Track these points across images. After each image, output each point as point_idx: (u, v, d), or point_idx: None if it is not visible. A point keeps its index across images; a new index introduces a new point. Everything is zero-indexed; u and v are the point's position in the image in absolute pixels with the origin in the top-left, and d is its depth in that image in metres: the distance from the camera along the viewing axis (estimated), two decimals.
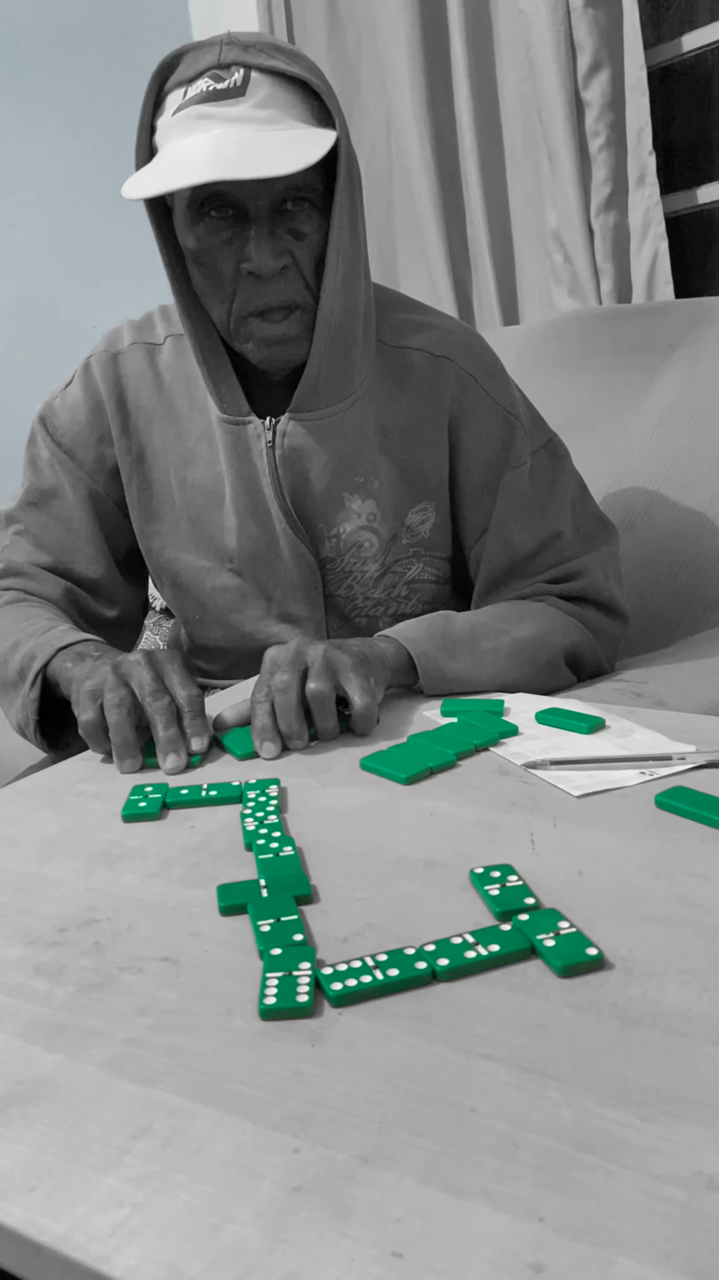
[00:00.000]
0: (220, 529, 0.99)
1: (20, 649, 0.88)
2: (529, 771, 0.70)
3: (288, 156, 0.77)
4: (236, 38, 0.82)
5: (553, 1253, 0.32)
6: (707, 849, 0.58)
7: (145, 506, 1.01)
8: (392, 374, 0.96)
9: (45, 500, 1.01)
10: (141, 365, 0.98)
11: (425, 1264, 0.32)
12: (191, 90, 0.81)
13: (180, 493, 0.99)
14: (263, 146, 0.78)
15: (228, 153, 0.77)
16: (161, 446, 0.99)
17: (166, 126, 0.83)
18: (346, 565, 1.00)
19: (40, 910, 0.55)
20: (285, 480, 0.95)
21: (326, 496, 0.97)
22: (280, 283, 0.85)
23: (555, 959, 0.47)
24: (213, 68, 0.80)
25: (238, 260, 0.85)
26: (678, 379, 1.34)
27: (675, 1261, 0.31)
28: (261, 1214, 0.34)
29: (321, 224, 0.86)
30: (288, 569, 0.99)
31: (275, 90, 0.81)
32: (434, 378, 0.96)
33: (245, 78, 0.80)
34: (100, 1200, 0.35)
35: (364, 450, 0.96)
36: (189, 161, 0.78)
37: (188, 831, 0.64)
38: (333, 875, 0.57)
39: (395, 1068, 0.41)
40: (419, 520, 0.99)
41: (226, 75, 0.80)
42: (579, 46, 1.59)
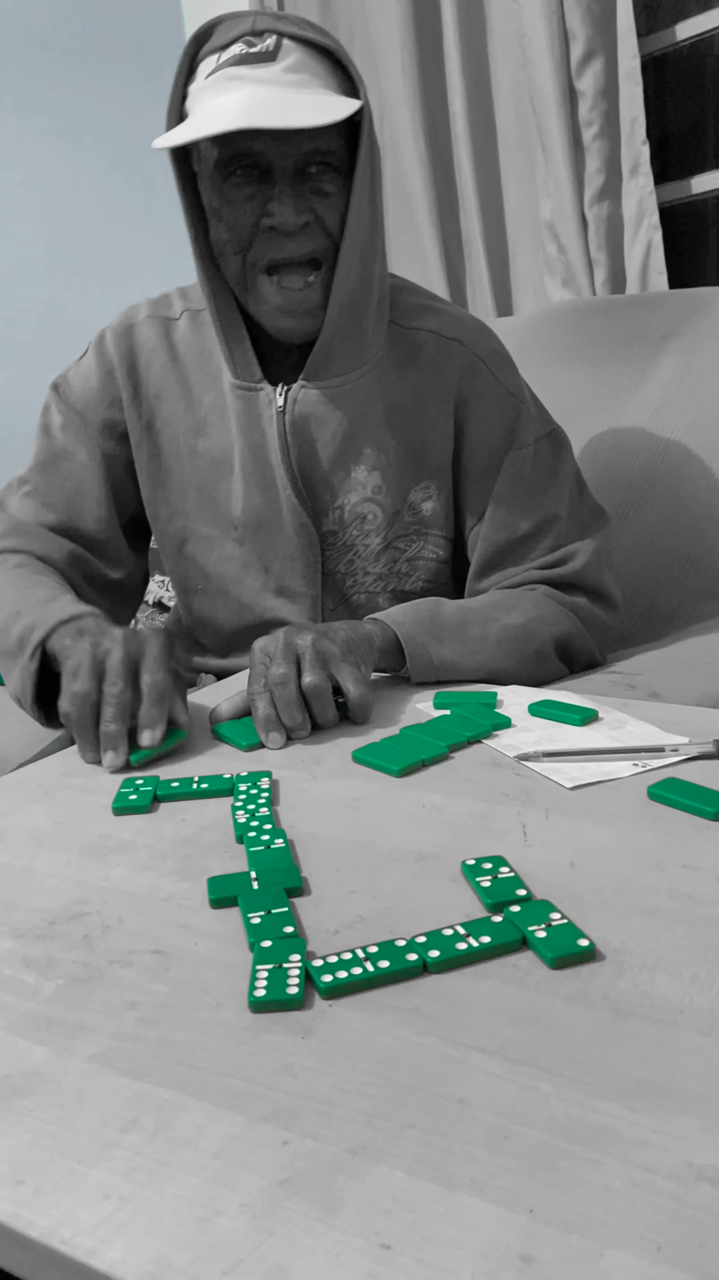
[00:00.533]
0: (228, 498, 1.01)
1: (21, 618, 0.87)
2: (522, 763, 0.70)
3: (314, 113, 0.81)
4: (270, 10, 0.85)
5: (543, 1244, 0.32)
6: (699, 840, 0.58)
7: (154, 474, 1.02)
8: (401, 353, 0.98)
9: (55, 462, 1.03)
10: (155, 337, 1.01)
11: (414, 1256, 0.32)
12: (225, 55, 0.84)
13: (190, 461, 1.01)
14: (290, 103, 0.81)
15: (257, 107, 0.80)
16: (172, 415, 1.00)
17: (199, 90, 0.86)
18: (349, 539, 1.01)
19: (30, 903, 0.54)
20: (294, 447, 0.97)
21: (333, 466, 0.98)
22: (302, 237, 0.88)
23: (547, 950, 0.47)
24: (246, 34, 0.83)
25: (259, 215, 0.87)
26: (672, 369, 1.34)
27: (665, 1253, 0.31)
28: (250, 1206, 0.34)
29: (344, 187, 0.88)
30: (289, 540, 1.00)
31: (305, 57, 0.84)
32: (442, 359, 0.98)
33: (277, 44, 0.83)
34: (88, 1193, 0.35)
35: (371, 423, 0.98)
36: (217, 114, 0.81)
37: (178, 824, 0.64)
38: (324, 867, 0.57)
39: (386, 1060, 0.41)
40: (422, 498, 1.00)
41: (259, 40, 0.83)
42: (572, 35, 1.59)
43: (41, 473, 1.03)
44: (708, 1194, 0.34)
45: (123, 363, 1.00)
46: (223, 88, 0.83)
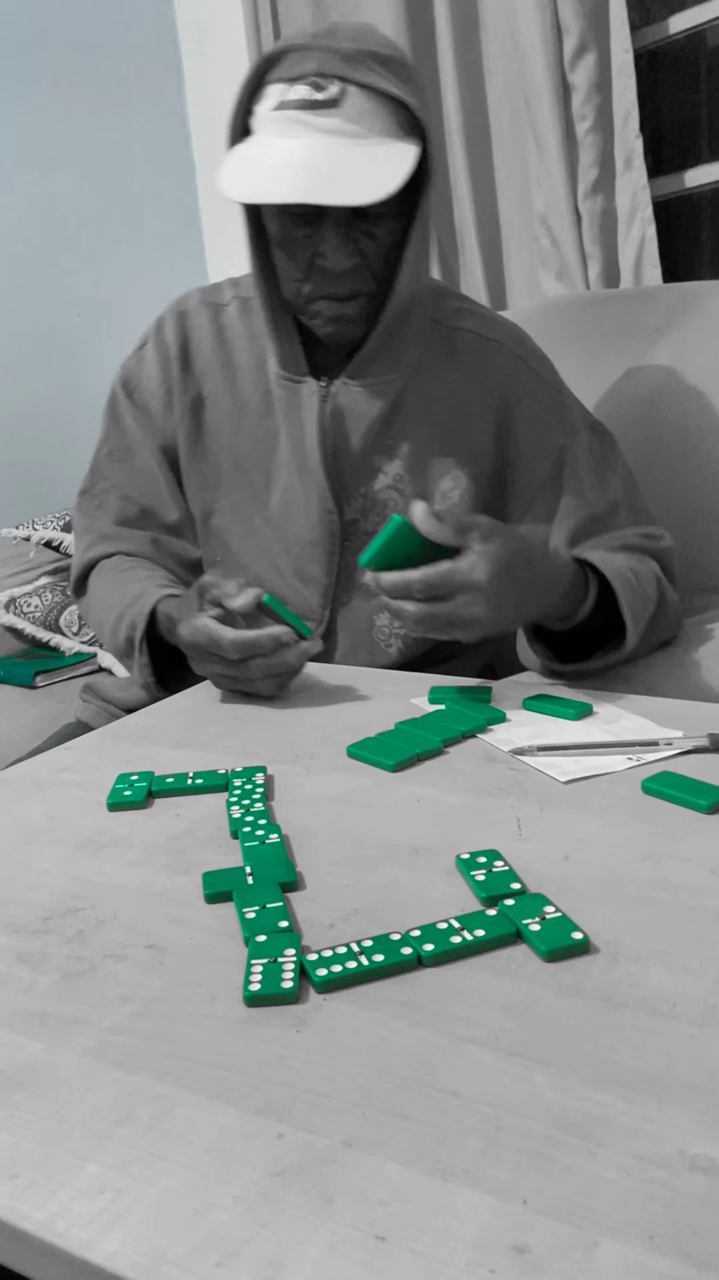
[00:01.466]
0: (263, 478, 1.04)
1: (124, 620, 0.97)
2: (516, 758, 0.70)
3: (371, 182, 0.85)
4: (339, 46, 0.86)
5: (536, 1234, 0.32)
6: (692, 833, 0.58)
7: (193, 447, 1.06)
8: (443, 350, 1.02)
9: (128, 456, 1.09)
10: (205, 321, 1.06)
11: (409, 1246, 0.32)
12: (291, 93, 0.87)
13: (230, 439, 1.05)
14: (349, 167, 0.86)
15: (318, 172, 0.85)
16: (215, 393, 1.05)
17: (264, 119, 0.90)
18: (370, 526, 1.03)
19: (24, 899, 0.54)
20: (331, 437, 1.01)
21: (363, 456, 1.02)
22: (349, 277, 0.93)
23: (540, 943, 0.47)
24: (314, 75, 0.86)
25: (313, 253, 0.92)
26: (666, 363, 1.34)
27: (659, 1242, 0.32)
28: (244, 1199, 0.34)
29: (393, 225, 0.92)
30: (313, 525, 1.03)
31: (367, 104, 0.87)
32: (483, 357, 1.02)
33: (342, 92, 0.86)
34: (82, 1187, 0.35)
35: (404, 416, 1.01)
36: (282, 174, 0.86)
37: (173, 819, 0.64)
38: (319, 862, 0.57)
39: (380, 1052, 0.41)
40: (450, 486, 1.03)
41: (326, 85, 0.86)
42: (565, 28, 1.58)
43: (118, 468, 1.09)
44: (701, 1183, 0.34)
45: (176, 346, 1.06)
46: (286, 128, 0.88)
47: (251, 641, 0.81)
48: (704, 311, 1.35)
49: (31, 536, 1.74)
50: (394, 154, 0.87)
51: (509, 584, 0.77)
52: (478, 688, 0.84)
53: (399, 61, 0.89)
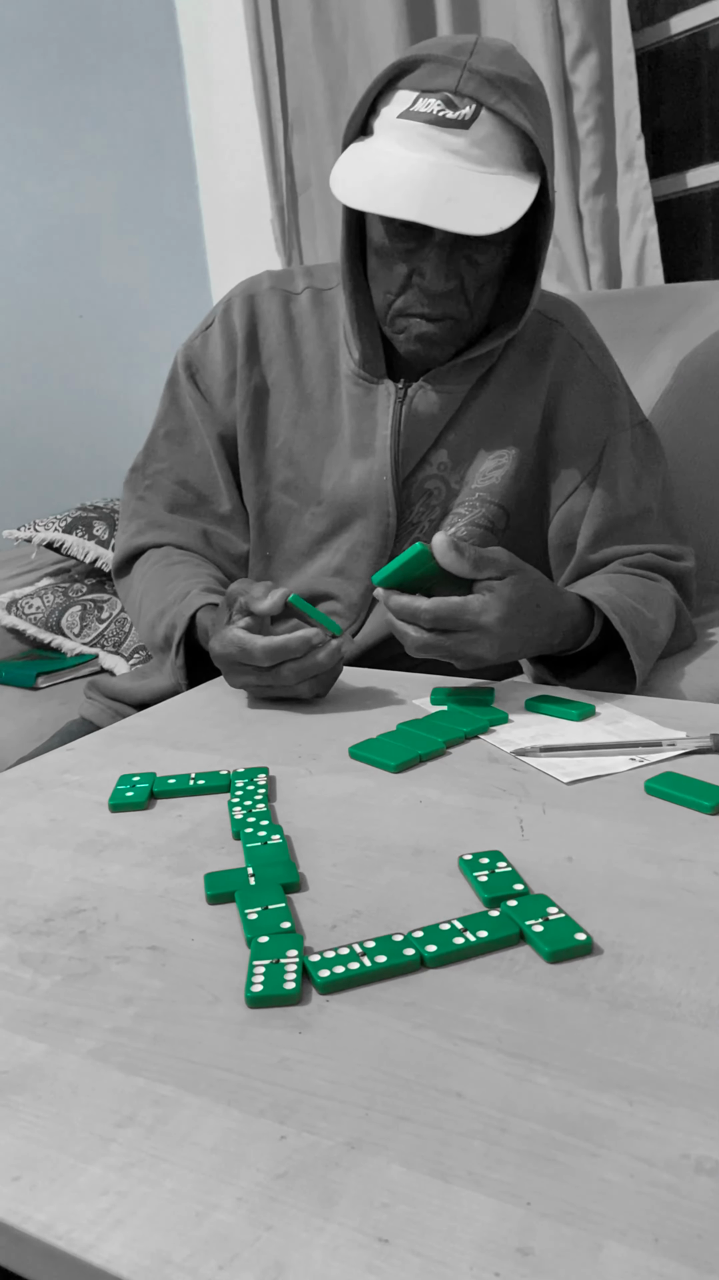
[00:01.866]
0: (319, 473, 1.03)
1: (165, 617, 0.95)
2: (519, 759, 0.70)
3: (487, 213, 0.84)
4: (480, 67, 0.84)
5: (540, 1236, 0.32)
6: (696, 834, 0.58)
7: (253, 436, 1.05)
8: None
9: (185, 439, 1.07)
10: (276, 308, 1.04)
11: (412, 1249, 0.32)
12: (423, 104, 0.85)
13: (290, 430, 1.03)
14: (470, 195, 0.84)
15: (437, 192, 0.84)
16: (280, 382, 1.03)
17: (390, 124, 0.88)
18: (415, 516, 1.03)
19: (26, 900, 0.54)
20: (404, 439, 1.00)
21: (422, 454, 1.01)
22: (444, 300, 0.92)
23: (544, 944, 0.47)
24: (449, 91, 0.85)
25: (412, 269, 0.91)
26: (668, 363, 1.34)
27: (663, 1244, 0.31)
28: (247, 1201, 0.34)
29: (495, 255, 0.91)
30: (369, 527, 1.02)
31: (497, 131, 0.85)
32: (543, 337, 1.01)
33: (475, 114, 0.85)
34: (84, 1188, 0.35)
35: (467, 407, 1.01)
36: (401, 186, 0.85)
37: (175, 820, 0.63)
38: (321, 863, 0.57)
39: (382, 1054, 0.41)
40: (494, 466, 1.02)
41: (460, 105, 0.85)
42: (567, 29, 1.58)
43: (176, 449, 1.07)
44: (705, 1185, 0.34)
45: (243, 330, 1.04)
46: (412, 141, 0.86)
47: (281, 646, 0.79)
48: (706, 311, 1.35)
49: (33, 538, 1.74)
50: (514, 188, 0.86)
51: (516, 626, 0.78)
52: (480, 689, 0.84)
53: (537, 94, 0.88)
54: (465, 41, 0.87)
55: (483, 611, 0.77)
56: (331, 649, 0.80)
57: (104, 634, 1.66)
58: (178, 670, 0.94)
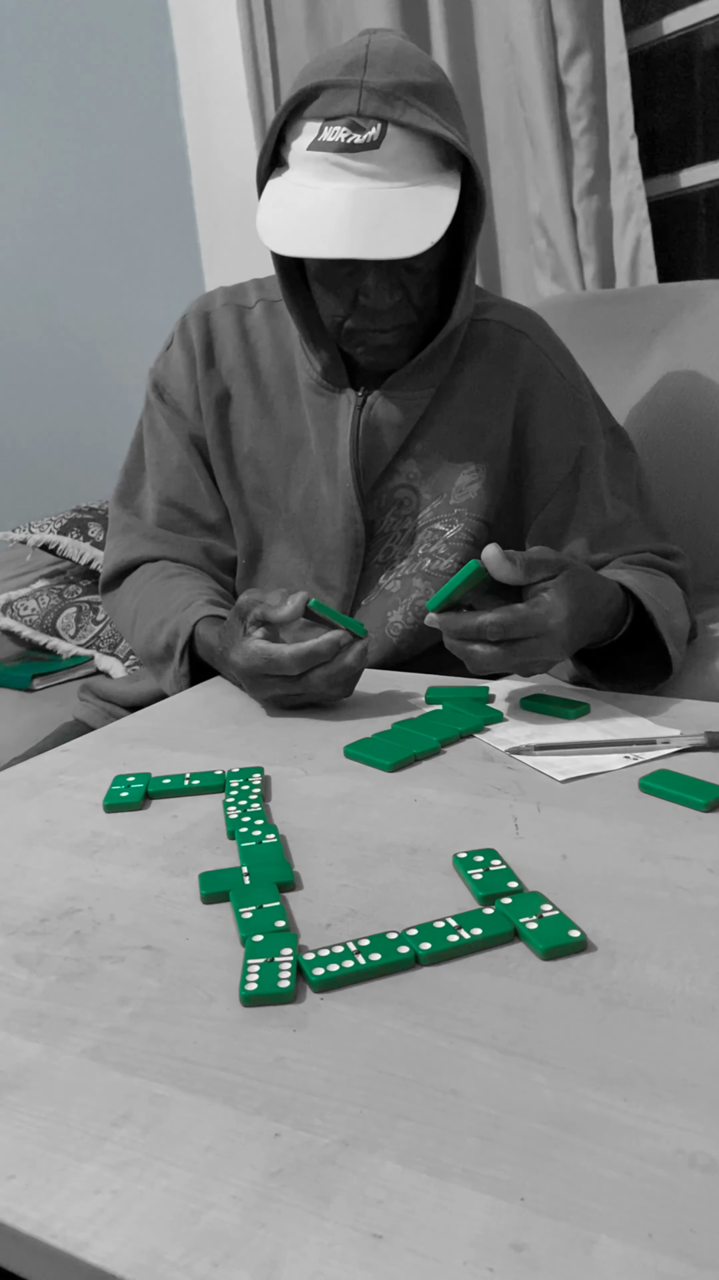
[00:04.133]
0: (286, 482, 1.03)
1: (165, 626, 0.95)
2: (513, 757, 0.70)
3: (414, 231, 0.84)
4: (375, 83, 0.84)
5: (535, 1233, 0.32)
6: (690, 831, 0.58)
7: (219, 448, 1.05)
8: (469, 342, 1.01)
9: (166, 457, 1.07)
10: (230, 322, 1.05)
11: (406, 1246, 0.32)
12: (329, 133, 0.85)
13: (254, 439, 1.04)
14: (395, 216, 0.84)
15: (360, 221, 0.83)
16: (240, 394, 1.04)
17: (301, 158, 0.87)
18: (386, 526, 1.03)
19: (21, 900, 0.54)
20: (363, 447, 1.00)
21: (386, 462, 1.01)
22: (393, 313, 0.92)
23: (538, 942, 0.47)
24: (352, 115, 0.84)
25: (355, 290, 0.91)
26: (662, 363, 1.34)
27: (657, 1240, 0.31)
28: (242, 1199, 0.34)
29: (433, 256, 0.90)
30: (337, 534, 1.02)
31: (407, 142, 0.85)
32: (508, 349, 1.01)
33: (382, 133, 0.84)
34: (80, 1187, 0.35)
35: (430, 416, 1.01)
36: (324, 222, 0.84)
37: (170, 820, 0.63)
38: (316, 862, 0.57)
39: (377, 1051, 0.41)
40: (469, 481, 1.02)
41: (365, 126, 0.84)
42: (559, 30, 1.58)
43: (158, 471, 1.07)
44: (699, 1181, 0.34)
45: (200, 345, 1.05)
46: (325, 171, 0.86)
47: (312, 652, 0.77)
48: (700, 311, 1.35)
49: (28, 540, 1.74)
50: (436, 197, 0.85)
51: (580, 621, 0.78)
52: (475, 687, 0.84)
53: (437, 88, 0.87)
54: (357, 56, 0.85)
55: (550, 613, 0.75)
56: (358, 651, 0.79)
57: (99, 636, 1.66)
58: (181, 678, 0.93)
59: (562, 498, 1.01)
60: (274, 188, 0.90)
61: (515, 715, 0.78)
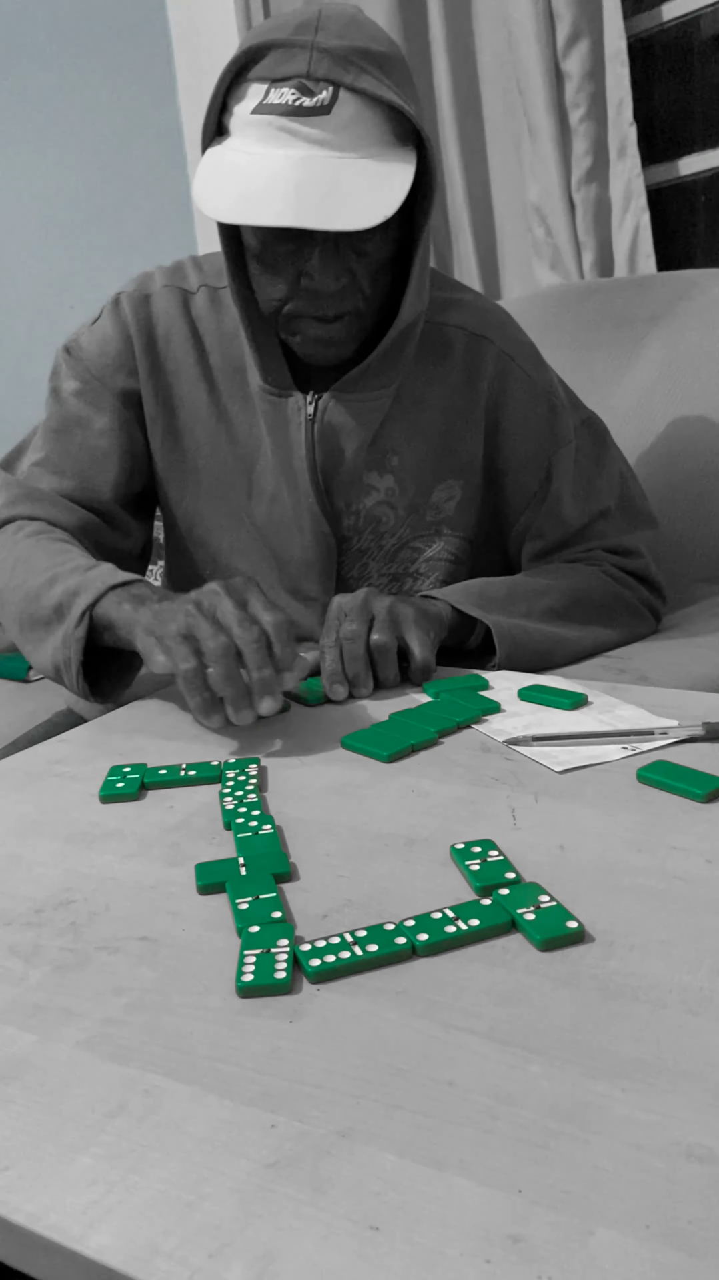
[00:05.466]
0: (247, 491, 0.98)
1: (58, 584, 0.82)
2: (511, 748, 0.70)
3: (365, 203, 0.78)
4: (328, 44, 0.78)
5: (532, 1224, 0.32)
6: (688, 822, 0.58)
7: (170, 454, 0.99)
8: (431, 349, 0.96)
9: (68, 429, 0.97)
10: (174, 309, 0.96)
11: (403, 1237, 0.32)
12: (276, 95, 0.79)
13: (210, 446, 0.97)
14: (345, 186, 0.78)
15: (308, 190, 0.77)
16: (192, 396, 0.97)
17: (245, 121, 0.81)
18: (363, 543, 0.99)
19: (16, 891, 0.54)
20: (320, 456, 0.95)
21: (353, 474, 0.97)
22: (337, 297, 0.85)
23: (535, 933, 0.46)
24: (302, 77, 0.78)
25: (299, 271, 0.84)
26: (660, 352, 1.34)
27: (655, 1231, 0.31)
28: (238, 1190, 0.34)
29: (384, 240, 0.85)
30: (307, 545, 0.98)
31: (360, 109, 0.79)
32: (473, 356, 0.96)
33: (334, 96, 0.78)
34: (74, 1179, 0.34)
35: (396, 427, 0.96)
36: (269, 190, 0.78)
37: (166, 811, 0.63)
38: (313, 853, 0.57)
39: (374, 1042, 0.41)
40: (445, 497, 0.99)
41: (315, 90, 0.78)
42: (558, 16, 1.57)
43: (55, 440, 0.98)
44: (697, 1171, 0.34)
45: (141, 333, 0.96)
46: (272, 136, 0.79)
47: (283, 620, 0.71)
48: (699, 300, 1.35)
49: None
50: (389, 172, 0.80)
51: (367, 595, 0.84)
52: (472, 677, 0.84)
53: (392, 59, 0.81)
54: (309, 17, 0.79)
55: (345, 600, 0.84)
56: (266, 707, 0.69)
57: None
58: (75, 643, 0.78)
59: (532, 509, 1.00)
60: (213, 155, 0.83)
61: (513, 706, 0.78)
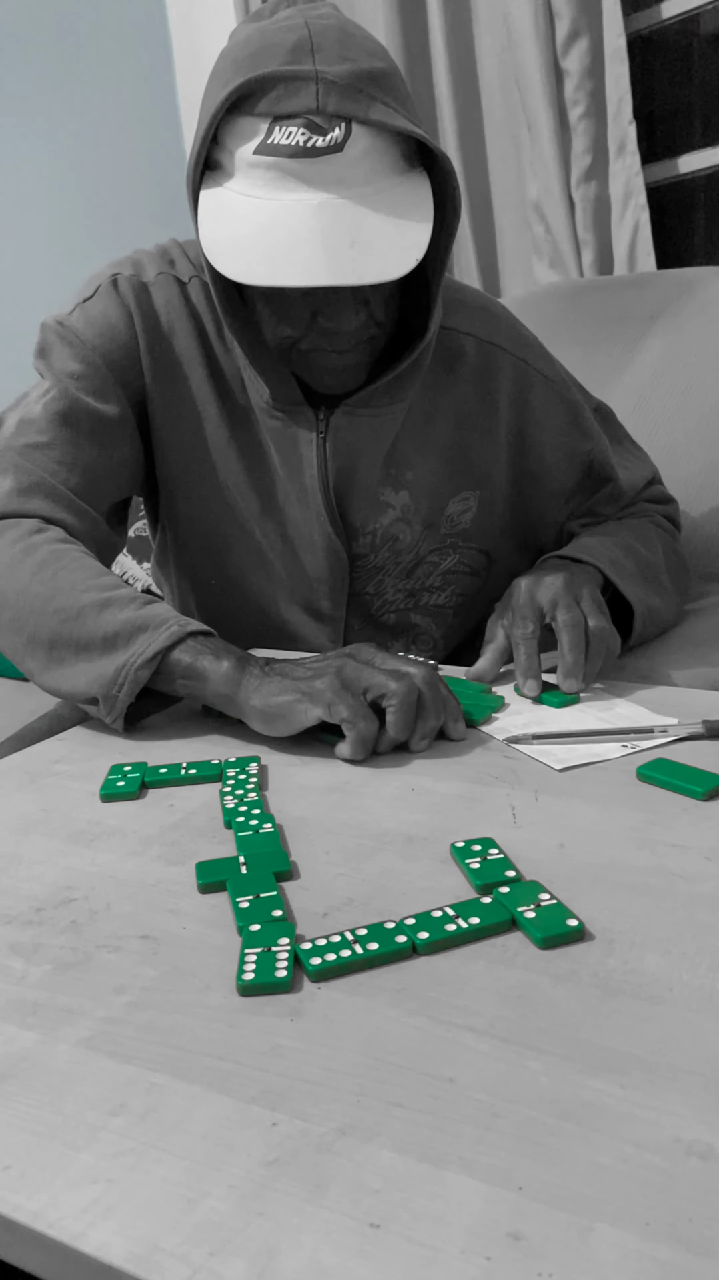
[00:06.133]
0: (257, 504, 0.94)
1: (111, 610, 0.74)
2: (511, 746, 0.70)
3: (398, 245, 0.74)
4: (332, 73, 0.72)
5: (531, 1221, 0.32)
6: (687, 820, 0.58)
7: (177, 460, 0.93)
8: (441, 359, 0.92)
9: (75, 418, 0.87)
10: (175, 300, 0.89)
11: (403, 1234, 0.32)
12: (282, 134, 0.73)
13: (220, 455, 0.92)
14: (371, 231, 0.73)
15: (338, 242, 0.73)
16: (201, 398, 0.91)
17: (249, 163, 0.75)
18: (379, 560, 0.97)
19: (17, 890, 0.54)
20: (332, 473, 0.91)
21: (367, 492, 0.93)
22: (353, 334, 0.82)
23: (535, 930, 0.47)
24: (310, 113, 0.72)
25: (313, 310, 0.80)
26: (660, 350, 1.34)
27: (654, 1228, 0.31)
28: (238, 1188, 0.34)
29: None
30: (319, 561, 0.95)
31: (373, 141, 0.74)
32: (485, 365, 0.94)
33: (347, 133, 0.73)
34: (75, 1177, 0.35)
35: (409, 441, 0.93)
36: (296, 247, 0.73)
37: (167, 810, 0.63)
38: (313, 851, 0.57)
39: (374, 1040, 0.41)
40: (460, 510, 0.97)
41: (327, 128, 0.72)
42: (557, 14, 1.57)
43: (61, 427, 0.87)
44: (697, 1168, 0.34)
45: (145, 324, 0.88)
46: (283, 182, 0.74)
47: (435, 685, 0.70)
48: (698, 298, 1.35)
49: None
50: (410, 203, 0.75)
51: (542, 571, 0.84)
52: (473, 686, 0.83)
53: (393, 76, 0.76)
54: (300, 38, 0.73)
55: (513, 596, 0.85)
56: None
57: None
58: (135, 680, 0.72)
59: (576, 500, 1.01)
60: (216, 199, 0.77)
61: (514, 704, 0.78)
